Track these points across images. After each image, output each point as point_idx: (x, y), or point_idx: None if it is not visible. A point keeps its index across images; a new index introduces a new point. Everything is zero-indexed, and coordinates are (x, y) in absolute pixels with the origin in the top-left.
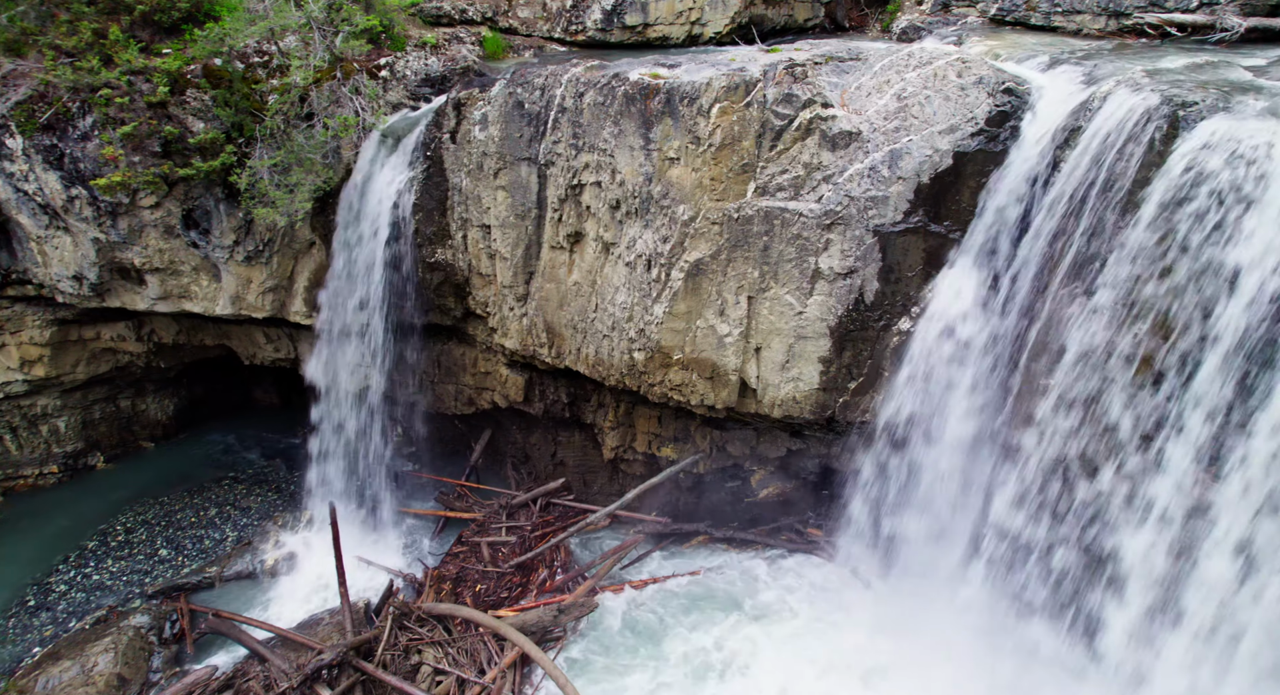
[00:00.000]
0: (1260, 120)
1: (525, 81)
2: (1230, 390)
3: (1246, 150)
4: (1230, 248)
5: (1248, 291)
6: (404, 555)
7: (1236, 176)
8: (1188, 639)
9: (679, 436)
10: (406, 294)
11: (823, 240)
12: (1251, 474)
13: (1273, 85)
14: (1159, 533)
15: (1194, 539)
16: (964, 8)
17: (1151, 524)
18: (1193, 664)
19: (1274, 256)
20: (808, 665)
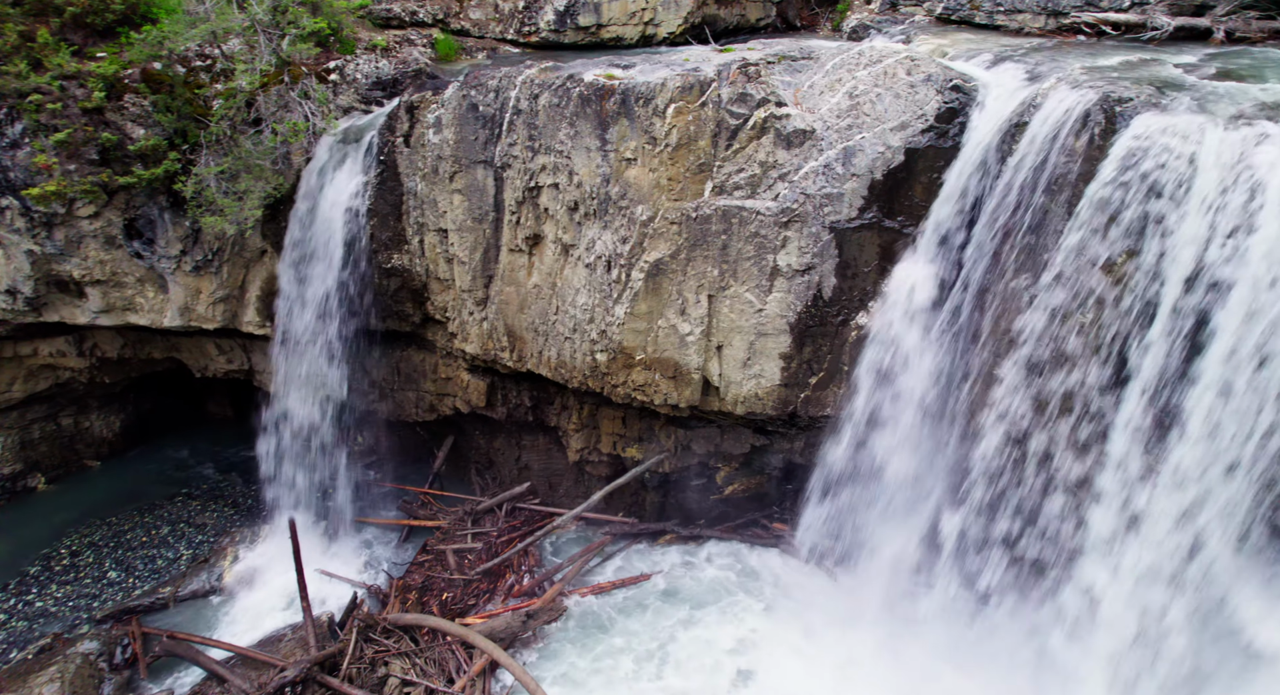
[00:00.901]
0: (1190, 115)
1: (479, 84)
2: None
3: (1178, 144)
4: (1166, 236)
5: (1183, 270)
6: (368, 566)
7: (1169, 168)
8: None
9: (644, 437)
10: (363, 301)
11: (780, 238)
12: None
13: (1200, 82)
14: (1111, 512)
15: (1141, 513)
16: (911, 7)
17: (1103, 508)
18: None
19: (1204, 242)
20: (776, 658)
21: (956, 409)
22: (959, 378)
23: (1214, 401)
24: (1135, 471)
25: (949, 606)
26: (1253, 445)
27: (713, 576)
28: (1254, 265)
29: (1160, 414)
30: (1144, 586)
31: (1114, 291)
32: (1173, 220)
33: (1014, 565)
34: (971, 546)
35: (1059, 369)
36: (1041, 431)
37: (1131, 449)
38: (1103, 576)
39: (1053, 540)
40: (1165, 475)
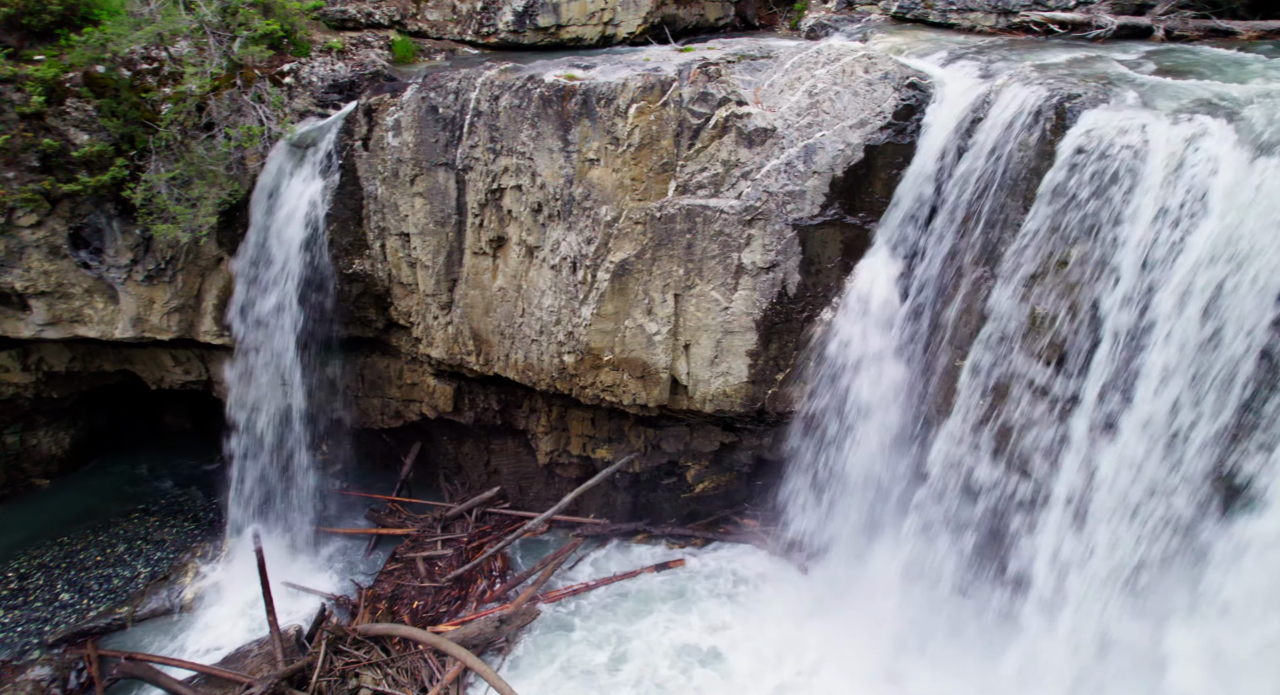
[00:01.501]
0: (1135, 110)
1: (438, 85)
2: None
3: (1125, 138)
4: (1116, 226)
5: (1132, 258)
6: (336, 577)
7: (1118, 161)
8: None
9: (613, 437)
10: (324, 307)
11: (744, 236)
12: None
13: (1143, 78)
14: (1066, 504)
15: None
16: (867, 6)
17: (1059, 497)
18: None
19: (1152, 231)
20: (750, 653)
21: (922, 399)
22: (922, 369)
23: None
24: (1092, 454)
25: (919, 595)
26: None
27: (685, 575)
28: (1198, 252)
29: (1114, 398)
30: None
31: (1069, 283)
32: (1123, 212)
33: (980, 553)
34: (938, 536)
35: (1016, 362)
36: (1001, 417)
37: (1090, 428)
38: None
39: (1018, 527)
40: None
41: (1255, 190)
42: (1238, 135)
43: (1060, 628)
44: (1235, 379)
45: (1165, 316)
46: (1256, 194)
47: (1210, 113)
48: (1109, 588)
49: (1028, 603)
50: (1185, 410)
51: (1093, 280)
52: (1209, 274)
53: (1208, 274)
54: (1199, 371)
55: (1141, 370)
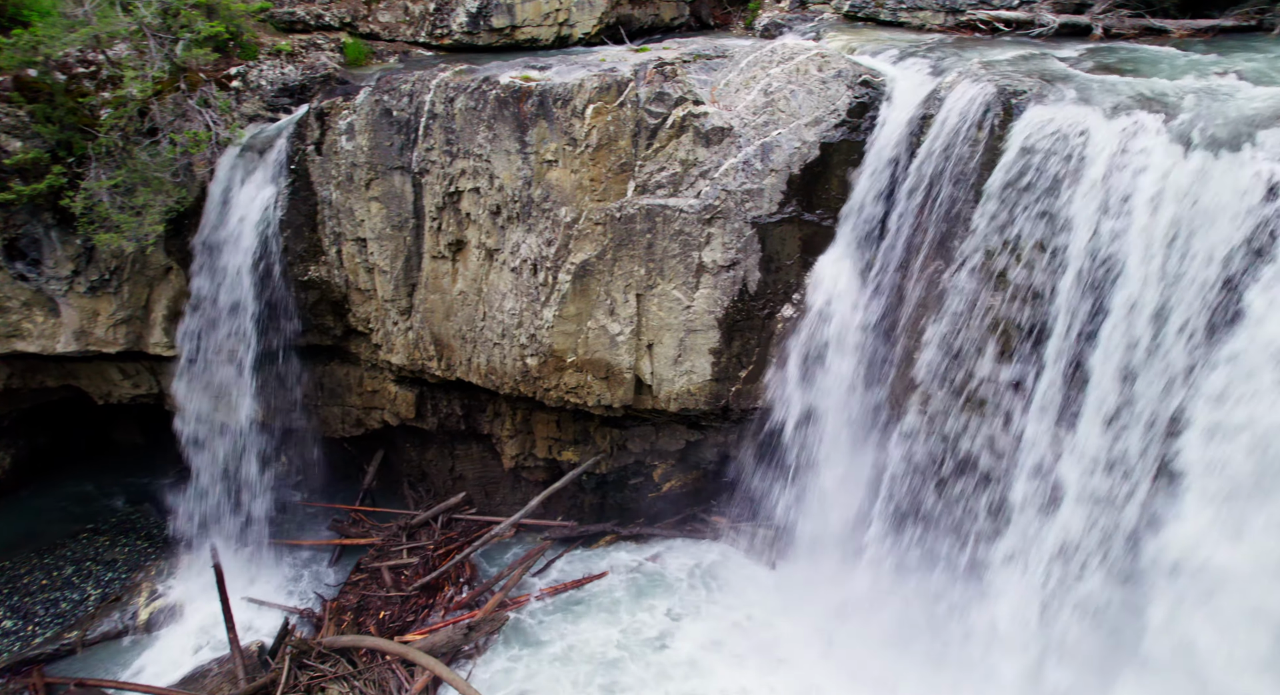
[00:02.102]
0: (1076, 106)
1: (392, 88)
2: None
3: (1067, 132)
4: (1061, 216)
5: (1077, 246)
6: (299, 590)
7: (1061, 155)
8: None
9: (579, 439)
10: (280, 315)
11: (704, 235)
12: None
13: (1082, 75)
14: (1031, 486)
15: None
16: (819, 5)
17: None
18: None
19: (1093, 220)
20: (719, 651)
21: (880, 393)
22: (881, 361)
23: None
24: (1046, 445)
25: (881, 589)
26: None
27: (653, 574)
28: (1140, 238)
29: (1068, 385)
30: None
31: (1019, 273)
32: (1067, 203)
33: (937, 543)
34: (900, 528)
35: (972, 353)
36: (959, 412)
37: (1045, 418)
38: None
39: (973, 519)
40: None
41: (1190, 179)
42: (1171, 129)
43: (1022, 613)
44: (1177, 362)
45: (1114, 298)
46: (1191, 182)
47: (1146, 108)
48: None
49: (991, 587)
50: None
51: (1041, 269)
52: (1149, 260)
53: (1147, 260)
54: (1148, 352)
55: (1093, 353)
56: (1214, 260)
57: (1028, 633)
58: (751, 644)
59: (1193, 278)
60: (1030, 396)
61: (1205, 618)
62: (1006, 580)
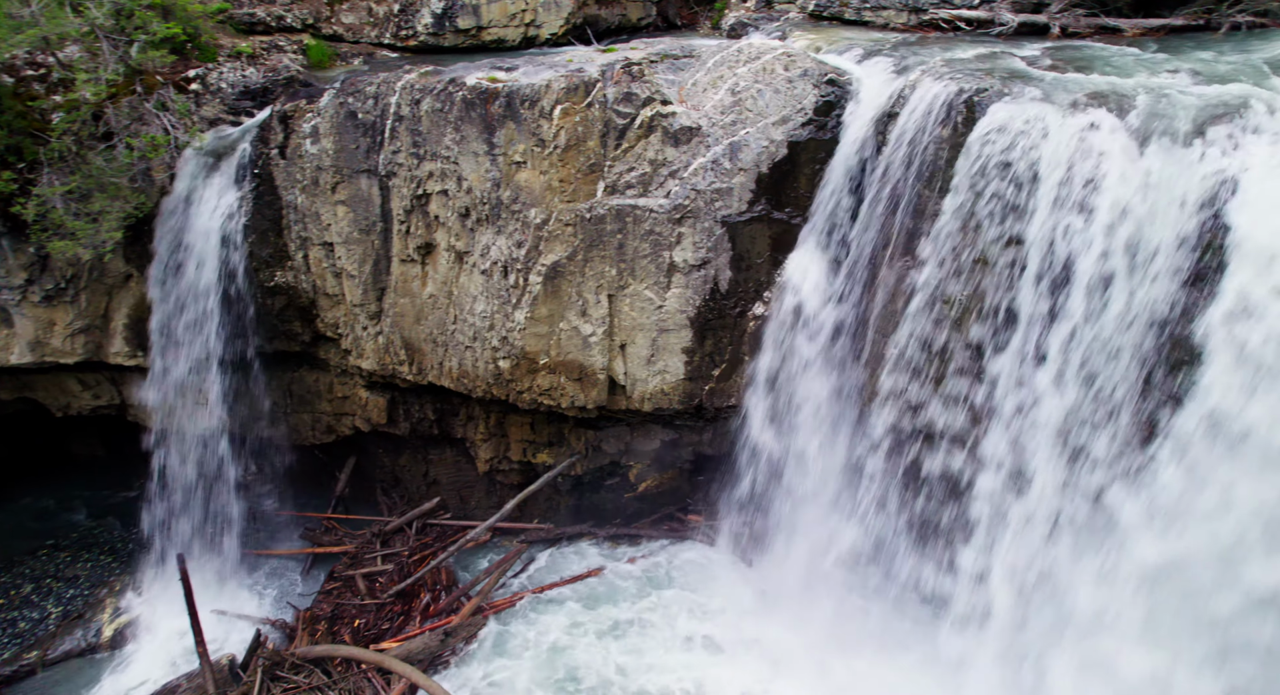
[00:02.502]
0: (1036, 103)
1: (356, 90)
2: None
3: (1027, 130)
4: (1024, 210)
5: (1040, 239)
6: (271, 601)
7: (1023, 152)
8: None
9: (554, 441)
10: (246, 322)
11: (675, 234)
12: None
13: (1042, 73)
14: (998, 475)
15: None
16: (785, 4)
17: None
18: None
19: (1055, 214)
20: (702, 648)
21: (852, 387)
22: (852, 356)
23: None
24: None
25: (855, 584)
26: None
27: (631, 574)
28: (1098, 233)
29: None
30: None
31: (984, 269)
32: (1029, 198)
33: (911, 537)
34: (870, 520)
35: (942, 346)
36: (930, 402)
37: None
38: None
39: (945, 510)
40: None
41: (1144, 174)
42: (1126, 125)
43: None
44: (1136, 348)
45: (1075, 291)
46: (1145, 178)
47: (1102, 105)
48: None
49: (959, 583)
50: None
51: (1006, 265)
52: (1108, 253)
53: (1107, 253)
54: (1104, 348)
55: (1053, 344)
56: (1169, 251)
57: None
58: (734, 639)
59: (1149, 270)
60: (996, 384)
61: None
62: (978, 560)
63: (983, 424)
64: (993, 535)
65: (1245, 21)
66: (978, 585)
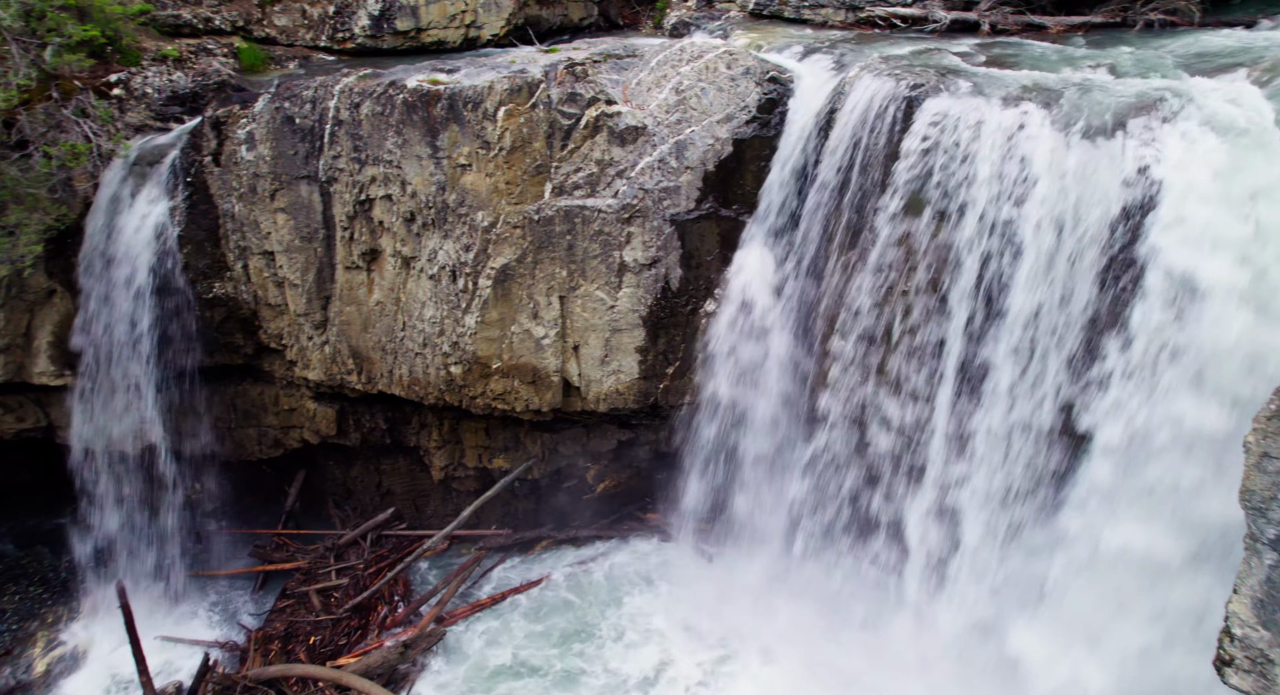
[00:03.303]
0: (971, 98)
1: (293, 95)
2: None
3: (963, 123)
4: (962, 201)
5: (977, 228)
6: (220, 623)
7: (960, 144)
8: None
9: (509, 445)
10: (184, 336)
11: (624, 234)
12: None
13: (975, 68)
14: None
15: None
16: (725, 3)
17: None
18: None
19: (992, 203)
20: (665, 644)
21: (804, 381)
22: (804, 351)
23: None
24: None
25: (810, 570)
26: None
27: (591, 576)
28: (1032, 219)
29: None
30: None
31: (926, 260)
32: (967, 188)
33: (857, 521)
34: (822, 510)
35: (888, 336)
36: (877, 392)
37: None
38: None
39: (890, 495)
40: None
41: (1072, 164)
42: (1054, 118)
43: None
44: (1071, 333)
45: (1013, 275)
46: (1073, 168)
47: (1032, 99)
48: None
49: (910, 564)
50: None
51: (947, 252)
52: (1041, 238)
53: (1039, 238)
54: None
55: (997, 335)
56: (1098, 235)
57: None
58: (695, 634)
59: (1080, 254)
60: (941, 373)
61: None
62: (926, 534)
63: (927, 411)
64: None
65: (1157, 19)
66: (926, 565)
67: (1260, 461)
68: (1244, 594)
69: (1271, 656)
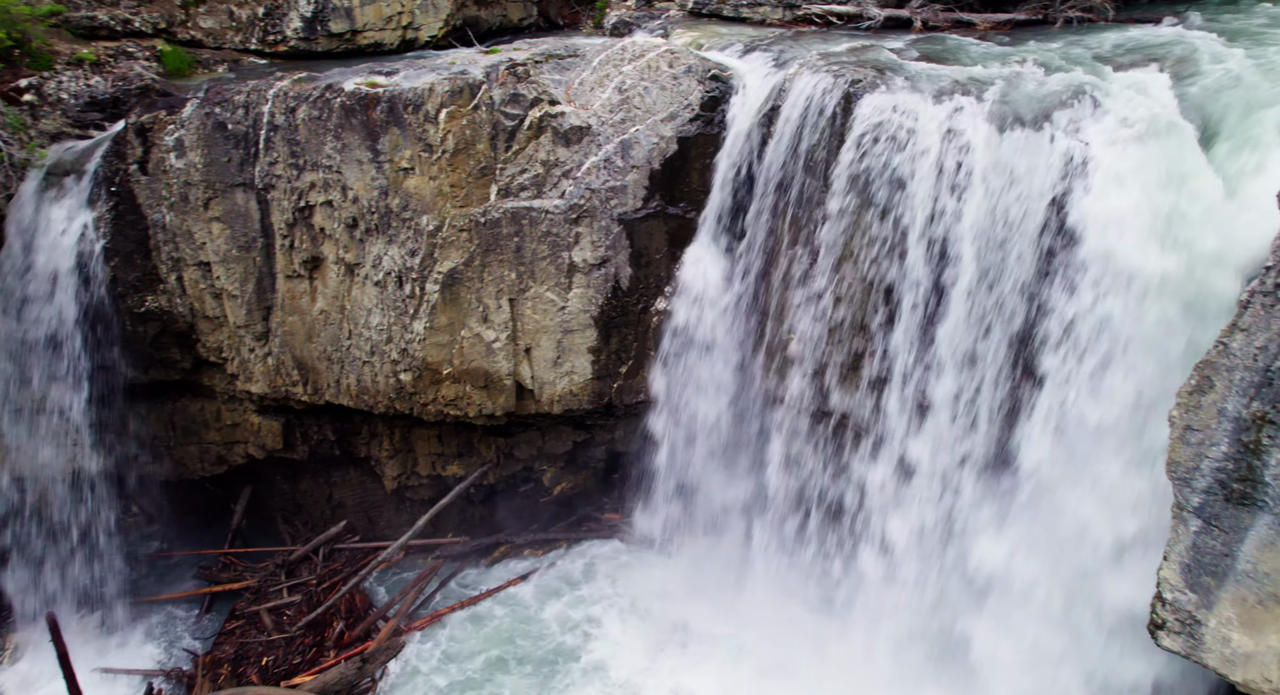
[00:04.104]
0: (907, 92)
1: (224, 99)
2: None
3: (901, 117)
4: (903, 191)
5: (920, 221)
6: (164, 650)
7: (898, 138)
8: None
9: (463, 452)
10: (114, 352)
11: (573, 234)
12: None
13: (910, 64)
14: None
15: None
16: (665, 2)
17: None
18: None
19: (930, 193)
20: (620, 648)
21: (754, 372)
22: (754, 346)
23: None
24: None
25: (770, 564)
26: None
27: (552, 578)
28: (968, 208)
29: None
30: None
31: (871, 252)
32: (907, 179)
33: (813, 513)
34: (781, 505)
35: (835, 328)
36: (829, 382)
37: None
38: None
39: (849, 489)
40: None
41: (1003, 154)
42: (986, 112)
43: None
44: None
45: (956, 261)
46: (1004, 157)
47: (964, 93)
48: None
49: (862, 551)
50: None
51: (891, 242)
52: (979, 226)
53: (976, 229)
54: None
55: (944, 317)
56: (1030, 220)
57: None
58: (656, 630)
59: (1014, 241)
60: (891, 357)
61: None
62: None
63: (879, 395)
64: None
65: (1076, 16)
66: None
67: (1184, 434)
68: (1173, 560)
69: (1199, 617)
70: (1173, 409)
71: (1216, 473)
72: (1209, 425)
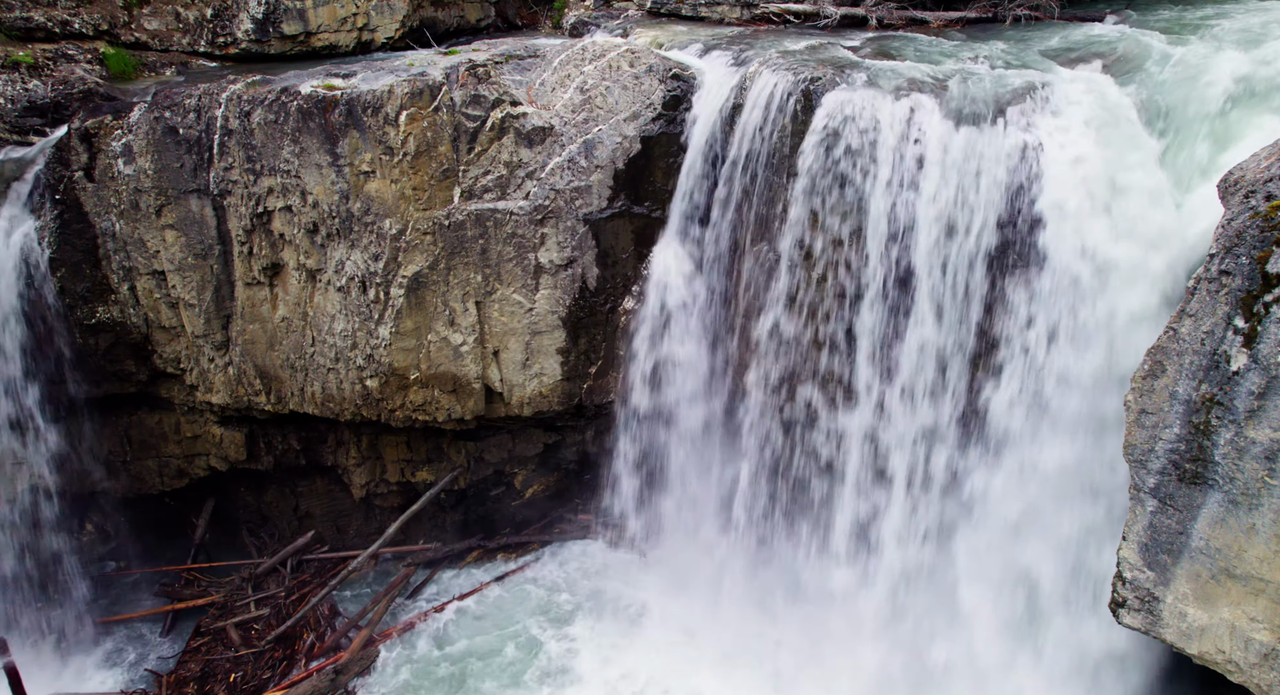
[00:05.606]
0: (866, 90)
1: (174, 103)
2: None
3: (860, 113)
4: (864, 186)
5: (880, 215)
6: (125, 671)
7: (858, 134)
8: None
9: (432, 457)
10: (64, 366)
11: (538, 235)
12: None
13: (867, 62)
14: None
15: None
16: (624, 2)
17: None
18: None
19: (890, 189)
20: (596, 649)
21: (726, 372)
22: (724, 341)
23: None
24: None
25: (740, 557)
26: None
27: (524, 582)
28: (927, 202)
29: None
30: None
31: (834, 247)
32: (867, 175)
33: (785, 508)
34: (751, 499)
35: (802, 323)
36: (796, 376)
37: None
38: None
39: (818, 478)
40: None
41: (960, 149)
42: (943, 107)
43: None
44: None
45: (915, 254)
46: (961, 152)
47: (921, 90)
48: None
49: (835, 535)
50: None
51: (851, 236)
52: (938, 220)
53: (935, 223)
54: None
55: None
56: (987, 213)
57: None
58: (635, 629)
59: (972, 231)
60: (855, 355)
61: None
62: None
63: (849, 385)
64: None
65: (1023, 14)
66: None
67: (1139, 417)
68: (1131, 540)
69: (1157, 594)
70: (1128, 394)
71: (1170, 454)
72: (1162, 408)
